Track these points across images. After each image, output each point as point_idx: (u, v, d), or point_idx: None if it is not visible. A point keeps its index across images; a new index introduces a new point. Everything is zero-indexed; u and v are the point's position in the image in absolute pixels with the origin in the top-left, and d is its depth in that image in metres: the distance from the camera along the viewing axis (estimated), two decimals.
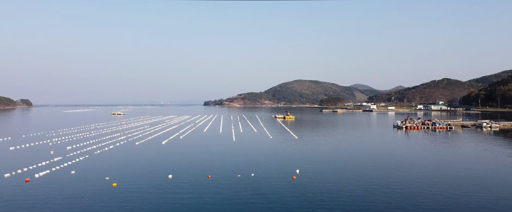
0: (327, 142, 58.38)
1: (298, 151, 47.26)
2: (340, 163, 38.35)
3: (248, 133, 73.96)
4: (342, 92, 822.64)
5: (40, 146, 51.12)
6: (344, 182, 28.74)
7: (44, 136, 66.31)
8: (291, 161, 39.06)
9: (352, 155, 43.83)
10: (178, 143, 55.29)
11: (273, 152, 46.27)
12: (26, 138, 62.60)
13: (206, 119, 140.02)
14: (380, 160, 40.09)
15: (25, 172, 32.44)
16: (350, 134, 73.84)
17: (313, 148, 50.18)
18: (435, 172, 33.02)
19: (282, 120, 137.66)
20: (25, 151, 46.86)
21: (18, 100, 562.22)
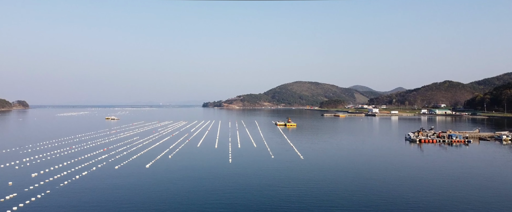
0: (337, 164, 50.95)
1: (306, 179, 39.80)
2: (360, 197, 30.88)
3: (247, 149, 66.48)
4: (342, 94, 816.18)
5: (2, 171, 43.62)
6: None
7: (16, 154, 58.73)
8: (300, 196, 31.70)
9: (372, 187, 36.33)
10: (165, 166, 47.78)
11: (277, 181, 38.81)
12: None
13: (202, 126, 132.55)
14: (404, 190, 32.61)
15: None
16: (360, 151, 66.40)
17: (322, 175, 42.72)
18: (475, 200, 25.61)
19: (283, 127, 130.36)
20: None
21: (14, 102, 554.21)
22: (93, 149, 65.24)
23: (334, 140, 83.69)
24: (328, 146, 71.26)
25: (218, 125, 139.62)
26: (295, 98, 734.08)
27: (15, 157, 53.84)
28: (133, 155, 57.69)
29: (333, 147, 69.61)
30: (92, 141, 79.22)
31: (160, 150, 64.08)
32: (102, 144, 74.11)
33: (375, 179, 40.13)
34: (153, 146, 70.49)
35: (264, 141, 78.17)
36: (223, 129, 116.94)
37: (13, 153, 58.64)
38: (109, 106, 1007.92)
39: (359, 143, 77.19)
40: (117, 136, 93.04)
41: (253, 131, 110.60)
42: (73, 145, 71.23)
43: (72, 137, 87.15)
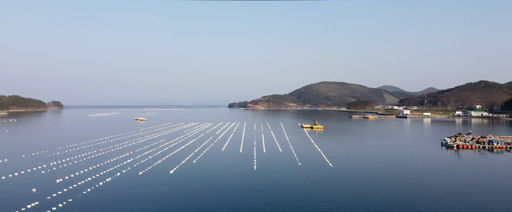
0: (369, 174, 47.98)
1: (336, 191, 37.36)
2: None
3: (272, 154, 64.50)
4: (371, 94, 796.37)
5: (29, 176, 43.97)
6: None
7: (45, 157, 59.66)
8: (330, 210, 29.44)
9: (409, 202, 33.38)
10: (189, 173, 46.63)
11: (304, 194, 36.62)
12: (24, 160, 56.07)
13: (227, 128, 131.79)
14: (445, 206, 29.52)
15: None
16: (393, 158, 62.77)
17: (354, 187, 40.05)
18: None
19: (310, 130, 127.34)
20: (11, 183, 39.68)
21: (49, 102, 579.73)
22: (119, 152, 65.44)
23: (364, 145, 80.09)
24: (358, 152, 67.99)
25: (243, 127, 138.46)
26: (321, 99, 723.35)
27: (43, 161, 54.58)
28: (158, 159, 57.15)
29: (364, 153, 66.29)
30: (119, 143, 79.90)
31: (185, 154, 63.31)
32: (128, 146, 74.46)
33: (412, 193, 37.08)
34: (178, 149, 69.96)
35: (290, 145, 75.89)
36: (248, 131, 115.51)
37: (42, 156, 59.62)
38: (139, 106, 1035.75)
39: (392, 149, 73.33)
40: (144, 138, 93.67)
41: (278, 133, 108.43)
42: (100, 147, 71.95)
43: (101, 139, 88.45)
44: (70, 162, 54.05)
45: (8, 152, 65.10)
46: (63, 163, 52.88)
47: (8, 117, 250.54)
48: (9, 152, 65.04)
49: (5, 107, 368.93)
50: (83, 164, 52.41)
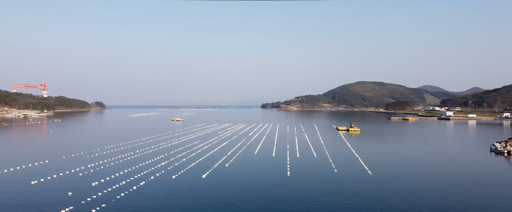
0: (413, 183, 44.78)
1: (376, 202, 34.89)
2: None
3: (307, 159, 62.40)
4: (410, 95, 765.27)
5: (67, 179, 45.12)
6: None
7: (84, 158, 61.46)
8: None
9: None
10: (221, 178, 45.80)
11: (342, 204, 34.50)
12: (64, 161, 58.01)
13: (260, 130, 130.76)
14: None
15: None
16: (438, 165, 58.60)
17: (395, 199, 37.31)
18: None
19: (345, 132, 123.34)
20: (49, 186, 40.85)
21: (92, 103, 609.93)
22: (154, 154, 66.23)
23: (405, 151, 75.78)
24: (399, 158, 64.21)
25: (276, 129, 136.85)
26: (358, 100, 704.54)
27: (82, 162, 56.15)
28: (191, 162, 57.04)
29: (405, 160, 62.46)
30: (155, 144, 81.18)
31: (217, 156, 62.86)
32: (164, 148, 75.36)
33: (461, 208, 33.82)
34: (211, 151, 69.74)
35: (325, 150, 73.30)
36: (281, 133, 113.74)
37: (81, 158, 61.46)
38: (176, 106, 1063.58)
39: (436, 155, 68.68)
40: (179, 139, 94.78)
41: (312, 136, 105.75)
42: (137, 149, 73.32)
43: (138, 140, 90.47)
44: (107, 164, 55.19)
45: (50, 152, 67.89)
46: (100, 165, 54.07)
47: (54, 116, 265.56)
48: (51, 152, 67.79)
49: (51, 107, 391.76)
50: (119, 166, 53.28)
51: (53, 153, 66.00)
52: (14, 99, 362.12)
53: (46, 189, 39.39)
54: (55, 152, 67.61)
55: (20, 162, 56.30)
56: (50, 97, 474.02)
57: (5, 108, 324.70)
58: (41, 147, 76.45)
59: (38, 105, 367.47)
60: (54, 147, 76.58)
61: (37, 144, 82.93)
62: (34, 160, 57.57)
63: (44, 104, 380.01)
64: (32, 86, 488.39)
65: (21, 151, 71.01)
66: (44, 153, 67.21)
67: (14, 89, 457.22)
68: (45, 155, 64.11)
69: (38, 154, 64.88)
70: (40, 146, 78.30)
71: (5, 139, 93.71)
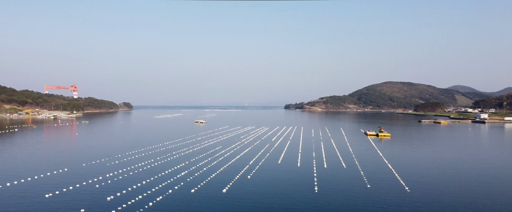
0: (452, 199, 39.89)
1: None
2: None
3: (335, 170, 58.17)
4: (440, 95, 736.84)
5: (82, 191, 43.33)
6: None
7: (104, 166, 60.06)
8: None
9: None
10: (241, 194, 42.48)
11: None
12: (83, 170, 56.74)
13: (284, 134, 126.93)
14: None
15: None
16: (484, 178, 52.88)
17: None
18: None
19: (375, 137, 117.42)
20: (63, 199, 39.06)
21: (120, 104, 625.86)
22: (175, 161, 64.04)
23: (442, 160, 69.88)
24: (437, 169, 58.76)
25: (300, 132, 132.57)
26: (385, 100, 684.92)
27: (101, 171, 54.56)
28: (212, 172, 54.26)
29: (444, 172, 56.97)
30: (177, 150, 79.25)
31: (239, 166, 59.82)
32: (185, 154, 73.22)
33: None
34: (233, 159, 66.80)
35: (355, 159, 68.62)
36: (306, 138, 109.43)
37: (101, 166, 60.06)
38: (201, 107, 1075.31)
39: (479, 167, 62.61)
40: (201, 144, 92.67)
41: (339, 141, 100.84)
42: (158, 155, 71.50)
43: (160, 145, 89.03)
44: (126, 173, 53.29)
45: (71, 159, 67.15)
46: (118, 174, 52.20)
47: (82, 118, 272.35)
48: (72, 159, 67.04)
49: (81, 108, 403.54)
50: (137, 176, 51.21)
51: (74, 160, 65.11)
52: (46, 100, 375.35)
53: (59, 203, 37.54)
54: (76, 159, 66.76)
55: (40, 170, 55.44)
56: (80, 98, 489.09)
57: (36, 108, 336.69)
58: (63, 153, 76.14)
59: (68, 106, 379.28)
60: (76, 152, 76.08)
61: (60, 149, 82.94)
62: (54, 168, 56.60)
63: (74, 106, 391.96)
64: (63, 88, 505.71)
65: (44, 156, 70.76)
66: (65, 159, 66.50)
67: (46, 91, 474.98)
68: (66, 161, 63.26)
69: (59, 161, 64.14)
70: (62, 152, 78.08)
71: (31, 143, 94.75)
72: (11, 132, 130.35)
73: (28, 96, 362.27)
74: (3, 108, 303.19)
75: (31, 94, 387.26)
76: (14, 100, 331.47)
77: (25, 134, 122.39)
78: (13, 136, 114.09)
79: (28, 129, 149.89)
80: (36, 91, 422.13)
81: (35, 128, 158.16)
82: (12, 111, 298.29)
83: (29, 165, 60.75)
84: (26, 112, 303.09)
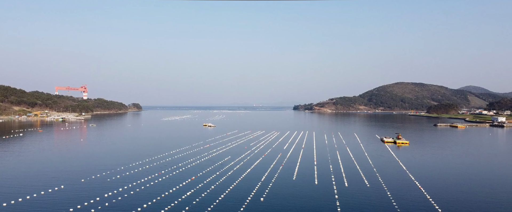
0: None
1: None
2: None
3: (358, 188, 52.56)
4: (453, 96, 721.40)
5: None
6: None
7: (103, 181, 55.48)
8: None
9: None
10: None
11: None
12: (80, 187, 52.21)
13: (296, 140, 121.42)
14: None
15: None
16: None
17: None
18: None
19: (392, 144, 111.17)
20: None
21: (130, 104, 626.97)
22: (181, 176, 59.11)
23: (471, 172, 63.61)
24: (467, 185, 52.64)
25: (313, 138, 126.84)
26: (396, 102, 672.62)
27: (99, 189, 49.90)
28: (221, 191, 49.10)
29: (475, 189, 50.85)
30: (183, 161, 74.36)
31: (251, 182, 54.58)
32: (192, 167, 68.31)
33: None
34: (244, 174, 61.58)
35: (377, 175, 62.67)
36: (320, 147, 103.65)
37: (100, 181, 55.50)
38: (209, 107, 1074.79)
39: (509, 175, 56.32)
40: (209, 153, 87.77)
41: (356, 151, 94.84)
42: (163, 168, 66.68)
43: (166, 154, 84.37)
44: (126, 192, 48.49)
45: (70, 172, 62.76)
46: (117, 194, 47.37)
47: (91, 120, 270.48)
48: (71, 172, 62.65)
49: (90, 110, 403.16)
50: (138, 196, 46.36)
51: (73, 174, 60.57)
52: (55, 102, 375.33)
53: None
54: (76, 173, 62.26)
55: (35, 187, 51.08)
56: (89, 99, 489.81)
57: (46, 110, 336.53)
58: (63, 165, 71.87)
59: (77, 107, 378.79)
60: (77, 164, 71.59)
61: (61, 160, 78.83)
62: (50, 185, 52.17)
63: (83, 107, 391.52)
64: (73, 89, 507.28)
65: (41, 170, 66.44)
66: (63, 173, 62.06)
67: (57, 91, 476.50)
68: (64, 176, 58.79)
69: (57, 175, 59.72)
70: (62, 163, 73.84)
71: (32, 152, 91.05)
72: (16, 137, 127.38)
73: (37, 98, 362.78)
74: (12, 109, 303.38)
75: (41, 95, 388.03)
76: (24, 102, 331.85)
77: (29, 139, 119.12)
78: (16, 142, 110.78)
79: (34, 133, 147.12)
80: (46, 93, 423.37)
81: (41, 132, 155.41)
82: (21, 112, 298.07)
83: (24, 181, 56.29)
84: (35, 113, 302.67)
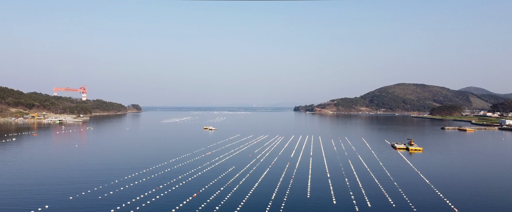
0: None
1: None
2: None
3: (382, 207, 46.38)
4: (454, 97, 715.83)
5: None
6: None
7: (93, 200, 49.22)
8: None
9: None
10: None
11: None
12: (67, 207, 45.90)
13: (302, 147, 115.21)
14: None
15: None
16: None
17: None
18: None
19: (404, 151, 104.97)
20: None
21: (129, 106, 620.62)
22: (181, 193, 52.78)
23: (505, 182, 57.30)
24: (499, 201, 46.39)
25: (320, 144, 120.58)
26: (398, 103, 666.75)
27: (86, 210, 43.58)
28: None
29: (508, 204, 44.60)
30: (183, 173, 67.99)
31: (261, 200, 48.36)
32: (193, 180, 62.07)
33: None
34: (251, 190, 55.22)
35: (399, 189, 56.31)
36: (329, 154, 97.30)
37: (88, 201, 49.14)
38: (209, 108, 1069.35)
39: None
40: (211, 162, 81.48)
41: (369, 160, 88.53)
42: (161, 182, 60.29)
43: (165, 164, 78.12)
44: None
45: (57, 188, 56.32)
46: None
47: (89, 122, 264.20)
48: (58, 188, 56.24)
49: (88, 111, 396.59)
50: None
51: (60, 191, 54.15)
52: (53, 103, 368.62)
53: None
54: (64, 188, 55.90)
55: (15, 206, 44.75)
56: (88, 100, 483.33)
57: (43, 112, 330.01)
58: (51, 178, 65.47)
59: (75, 109, 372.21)
60: (65, 177, 64.85)
61: (50, 170, 72.52)
62: (33, 205, 45.86)
63: (82, 108, 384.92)
64: (72, 90, 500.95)
65: (25, 185, 59.91)
66: (51, 188, 55.72)
67: (55, 93, 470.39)
68: (50, 193, 52.42)
69: (43, 192, 53.36)
70: (50, 176, 67.42)
71: (19, 161, 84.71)
72: (8, 142, 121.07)
73: (35, 99, 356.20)
74: (9, 111, 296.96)
75: (39, 97, 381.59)
76: (21, 103, 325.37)
77: (20, 145, 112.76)
78: (7, 148, 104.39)
79: (28, 137, 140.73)
80: (44, 94, 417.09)
81: (36, 136, 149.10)
82: (18, 114, 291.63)
83: (2, 200, 50.01)
84: (32, 115, 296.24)
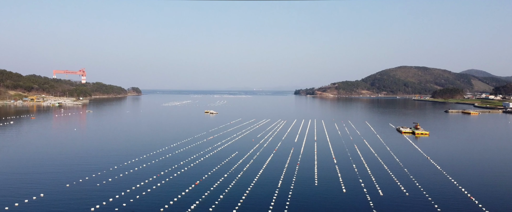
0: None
1: None
2: None
3: (397, 197, 44.13)
4: (456, 80, 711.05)
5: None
6: None
7: (91, 188, 46.96)
8: None
9: None
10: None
11: None
12: (62, 196, 43.66)
13: (305, 131, 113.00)
14: None
15: None
16: None
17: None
18: None
19: (410, 135, 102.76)
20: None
21: (129, 89, 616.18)
22: (182, 181, 50.41)
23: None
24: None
25: (323, 128, 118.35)
26: (399, 86, 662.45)
27: (85, 199, 41.31)
28: (233, 203, 40.57)
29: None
30: (184, 159, 65.62)
31: (266, 189, 46.09)
32: (195, 166, 59.75)
33: None
34: (256, 177, 52.85)
35: (411, 176, 54.04)
36: (334, 139, 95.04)
37: (85, 189, 46.84)
38: (210, 91, 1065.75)
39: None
40: (213, 147, 79.20)
41: (376, 144, 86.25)
42: (162, 168, 57.95)
43: (166, 149, 75.86)
44: (117, 203, 39.88)
45: (54, 175, 54.04)
46: (106, 207, 38.84)
47: (88, 105, 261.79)
48: (55, 175, 53.96)
49: (88, 94, 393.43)
50: (133, 208, 37.82)
51: (56, 178, 51.80)
52: (52, 86, 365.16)
53: None
54: (60, 175, 53.60)
55: (7, 196, 42.47)
56: (88, 83, 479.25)
57: (42, 95, 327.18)
58: (48, 165, 63.23)
59: (75, 92, 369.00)
60: (62, 164, 62.36)
61: (46, 156, 70.12)
62: (30, 193, 43.63)
63: (81, 91, 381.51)
64: (71, 72, 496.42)
65: (20, 172, 57.67)
66: (46, 175, 53.38)
67: (54, 75, 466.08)
68: (46, 181, 50.03)
69: (38, 179, 50.94)
70: (48, 161, 65.17)
71: (15, 145, 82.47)
72: (5, 125, 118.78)
73: (34, 82, 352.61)
74: (8, 94, 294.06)
75: (38, 79, 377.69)
76: (20, 86, 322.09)
77: (18, 129, 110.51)
78: (3, 132, 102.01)
79: (26, 120, 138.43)
80: (43, 77, 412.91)
81: (34, 118, 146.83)
82: (17, 97, 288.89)
83: (6, 182, 47.81)
84: (31, 98, 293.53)
